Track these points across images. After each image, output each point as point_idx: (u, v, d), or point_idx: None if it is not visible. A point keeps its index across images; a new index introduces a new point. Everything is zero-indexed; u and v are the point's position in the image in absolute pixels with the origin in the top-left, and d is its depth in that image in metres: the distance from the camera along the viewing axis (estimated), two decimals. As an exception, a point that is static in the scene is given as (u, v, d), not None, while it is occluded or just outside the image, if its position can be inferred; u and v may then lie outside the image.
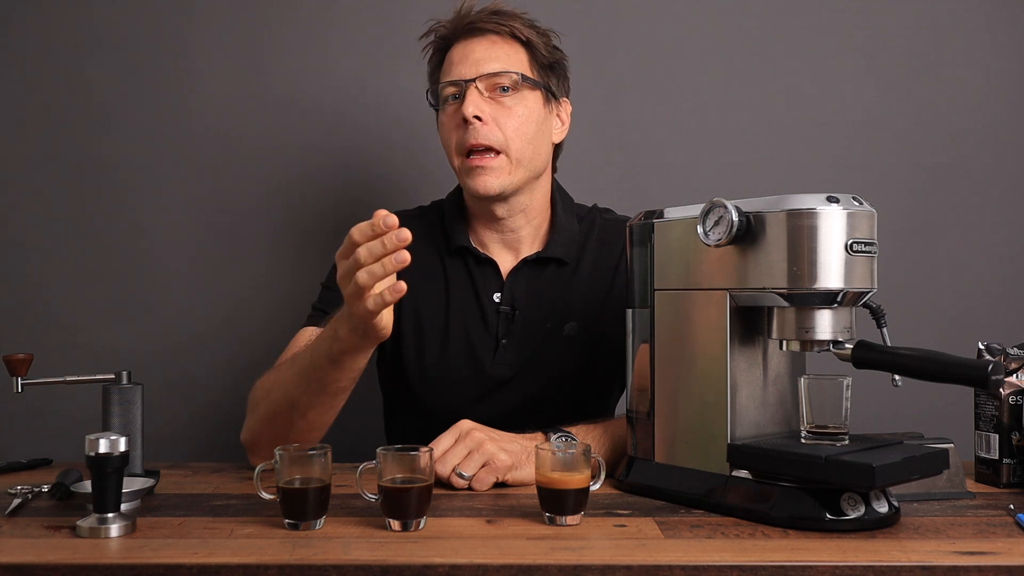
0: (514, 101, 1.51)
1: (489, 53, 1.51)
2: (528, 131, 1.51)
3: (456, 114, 1.51)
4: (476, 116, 1.47)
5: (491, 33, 1.53)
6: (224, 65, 2.02)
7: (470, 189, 1.52)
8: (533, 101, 1.53)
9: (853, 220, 1.12)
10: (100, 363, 1.62)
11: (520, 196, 1.55)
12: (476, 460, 1.29)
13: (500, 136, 1.49)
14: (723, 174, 2.02)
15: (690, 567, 0.96)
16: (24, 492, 1.24)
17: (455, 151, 1.52)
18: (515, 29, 1.53)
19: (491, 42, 1.53)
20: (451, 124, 1.52)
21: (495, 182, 1.50)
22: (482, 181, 1.50)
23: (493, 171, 1.49)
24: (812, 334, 1.15)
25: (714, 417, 1.19)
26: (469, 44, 1.53)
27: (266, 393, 1.39)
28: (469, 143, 1.49)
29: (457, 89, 1.51)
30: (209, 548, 1.01)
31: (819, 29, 2.05)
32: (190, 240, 2.03)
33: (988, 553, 1.00)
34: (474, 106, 1.47)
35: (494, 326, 1.57)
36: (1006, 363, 1.31)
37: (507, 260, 1.60)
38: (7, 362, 1.36)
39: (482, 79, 1.49)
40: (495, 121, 1.49)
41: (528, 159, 1.52)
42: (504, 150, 1.49)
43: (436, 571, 0.96)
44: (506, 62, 1.51)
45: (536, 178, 1.56)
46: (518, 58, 1.53)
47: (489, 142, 1.48)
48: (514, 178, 1.51)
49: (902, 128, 2.05)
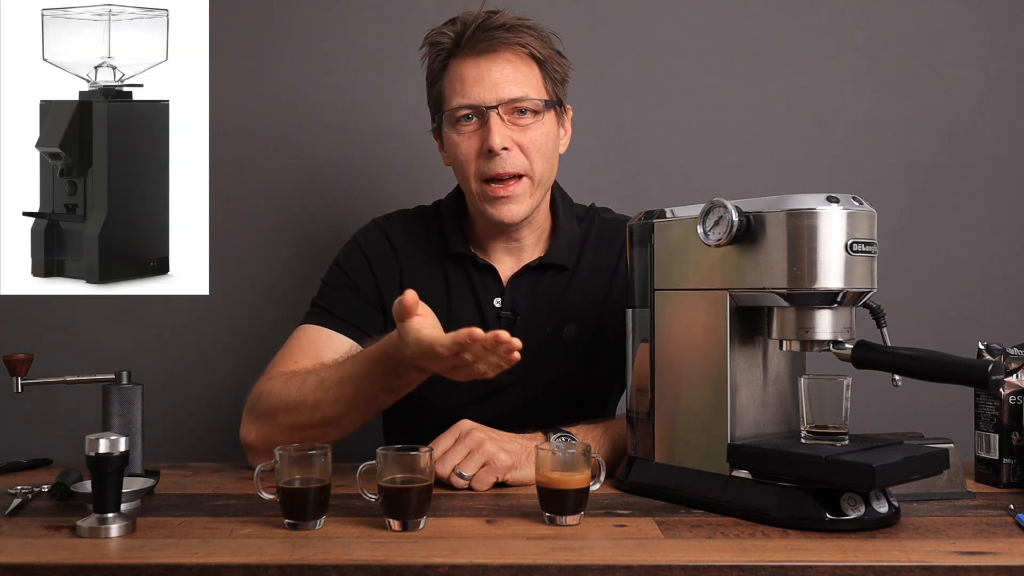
0: (532, 122, 1.48)
1: (506, 75, 1.47)
2: (548, 152, 1.50)
3: (474, 138, 1.47)
4: (504, 147, 1.45)
5: (506, 51, 1.48)
6: (225, 64, 2.02)
7: (492, 218, 1.49)
8: (549, 121, 1.51)
9: (853, 220, 1.12)
10: (100, 363, 1.62)
11: (534, 211, 1.54)
12: (476, 460, 1.29)
13: (525, 162, 1.47)
14: (723, 174, 2.02)
15: (690, 567, 0.96)
16: (24, 492, 1.24)
17: (474, 176, 1.49)
18: (531, 48, 1.49)
19: (507, 62, 1.47)
20: (470, 150, 1.48)
21: (519, 209, 1.49)
22: (507, 210, 1.48)
23: (517, 198, 1.48)
24: (812, 334, 1.15)
25: (714, 417, 1.19)
26: (482, 63, 1.47)
27: (288, 407, 1.37)
28: (494, 172, 1.46)
29: (473, 112, 1.47)
30: (209, 548, 1.01)
31: (819, 29, 2.05)
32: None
33: (988, 553, 1.00)
34: (500, 137, 1.44)
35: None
36: (1006, 363, 1.31)
37: (508, 265, 1.59)
38: (7, 362, 1.36)
39: (504, 105, 1.46)
40: (518, 147, 1.47)
41: (547, 178, 1.52)
42: (528, 174, 1.48)
43: (436, 571, 0.96)
44: (525, 85, 1.48)
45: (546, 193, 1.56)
46: (534, 78, 1.50)
47: (516, 170, 1.47)
48: (535, 200, 1.51)
49: (902, 128, 2.05)
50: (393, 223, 1.63)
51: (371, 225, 1.64)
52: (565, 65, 1.55)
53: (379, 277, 1.58)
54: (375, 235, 1.61)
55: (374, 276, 1.58)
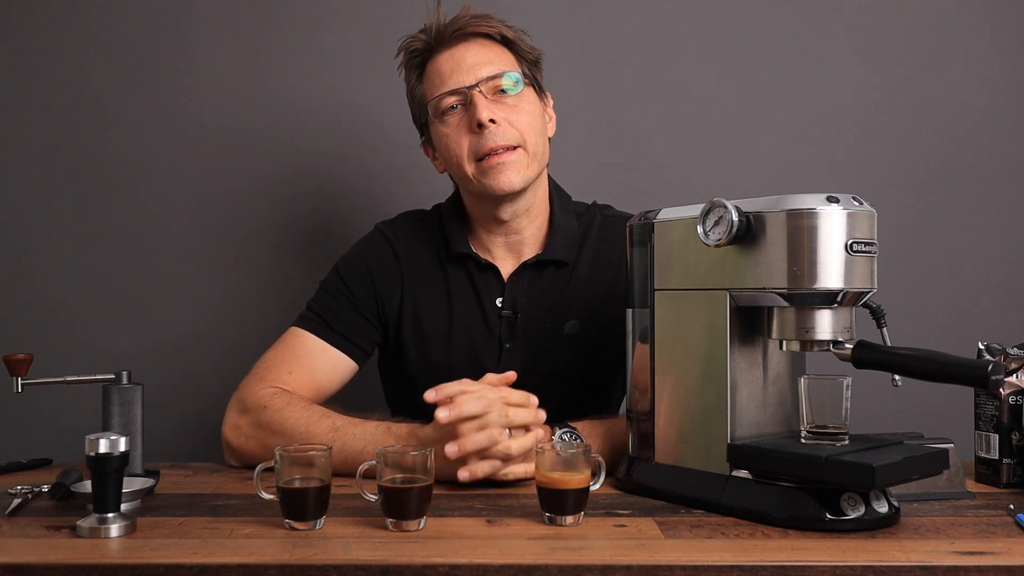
0: (517, 99, 1.51)
1: (482, 57, 1.51)
2: (537, 125, 1.53)
3: (463, 122, 1.50)
4: (491, 120, 1.47)
5: (477, 36, 1.53)
6: (225, 65, 2.02)
7: (492, 189, 1.50)
8: (532, 97, 1.55)
9: (853, 220, 1.12)
10: (100, 363, 1.62)
11: (526, 194, 1.55)
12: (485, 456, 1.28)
13: (515, 133, 1.49)
14: (723, 174, 2.02)
15: (690, 567, 0.96)
16: (24, 492, 1.24)
17: (467, 158, 1.50)
18: (500, 30, 1.53)
19: (480, 45, 1.53)
20: (459, 132, 1.51)
21: (517, 176, 1.50)
22: (505, 178, 1.49)
23: (514, 165, 1.49)
24: (812, 334, 1.15)
25: (714, 417, 1.19)
26: (456, 51, 1.52)
27: (289, 436, 1.36)
28: (487, 147, 1.48)
29: (458, 98, 1.50)
30: (209, 548, 1.01)
31: (819, 29, 2.05)
32: (190, 240, 2.03)
33: (988, 553, 1.00)
34: (487, 110, 1.47)
35: (497, 330, 1.57)
36: (1006, 363, 1.31)
37: (508, 264, 1.60)
38: (7, 362, 1.36)
39: (483, 83, 1.49)
40: (507, 121, 1.49)
41: (541, 153, 1.54)
42: (521, 145, 1.50)
43: (436, 571, 0.96)
44: (500, 64, 1.52)
45: (542, 173, 1.57)
46: (508, 58, 1.54)
47: (507, 142, 1.49)
48: (531, 172, 1.52)
49: (902, 128, 2.05)
50: (396, 229, 1.64)
51: (374, 232, 1.65)
52: (536, 51, 1.58)
53: (379, 287, 1.59)
54: (378, 243, 1.62)
55: (374, 286, 1.59)
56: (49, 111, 2.01)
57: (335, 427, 1.36)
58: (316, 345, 1.53)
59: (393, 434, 1.34)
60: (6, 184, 2.01)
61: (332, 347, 1.54)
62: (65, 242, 2.01)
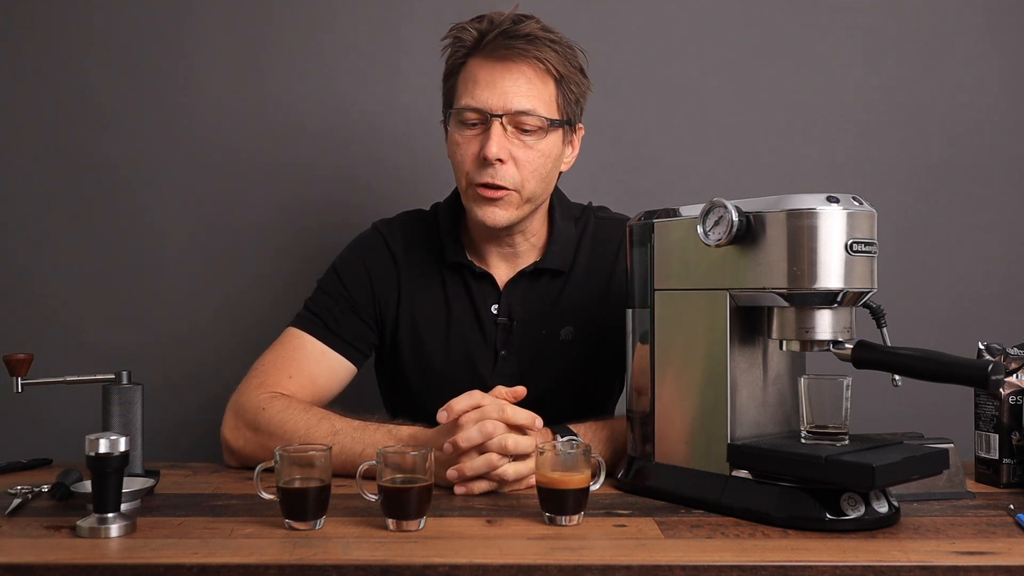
0: (535, 141, 1.46)
1: (519, 87, 1.44)
2: (543, 172, 1.48)
3: (474, 143, 1.46)
4: (499, 159, 1.43)
5: (523, 62, 1.45)
6: (225, 66, 2.02)
7: (476, 218, 1.49)
8: (553, 141, 1.49)
9: (853, 220, 1.12)
10: (100, 363, 1.62)
11: (522, 221, 1.53)
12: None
13: (517, 178, 1.46)
14: (723, 174, 2.02)
15: (690, 567, 0.96)
16: (24, 492, 1.24)
17: (466, 176, 1.48)
18: (549, 64, 1.45)
19: (521, 73, 1.45)
20: (466, 152, 1.47)
21: (504, 215, 1.48)
22: (491, 213, 1.47)
23: (502, 204, 1.47)
24: (812, 334, 1.15)
25: (714, 417, 1.19)
26: (497, 69, 1.45)
27: (288, 439, 1.36)
28: (484, 180, 1.45)
29: (479, 117, 1.46)
30: (209, 548, 1.01)
31: (819, 29, 2.05)
32: (190, 240, 2.02)
33: (988, 553, 1.00)
34: (498, 147, 1.43)
35: (492, 338, 1.57)
36: (1006, 363, 1.31)
37: (504, 271, 1.59)
38: (7, 362, 1.36)
39: (509, 116, 1.44)
40: (514, 161, 1.45)
41: (537, 196, 1.51)
42: (517, 189, 1.47)
43: (436, 571, 0.96)
44: (535, 100, 1.45)
45: (539, 206, 1.55)
46: (548, 95, 1.47)
47: (504, 183, 1.45)
48: (521, 212, 1.50)
49: (902, 128, 2.05)
50: (394, 230, 1.62)
51: (372, 231, 1.64)
52: (584, 85, 1.52)
53: (377, 289, 1.58)
54: (375, 243, 1.61)
55: (372, 289, 1.58)
56: (49, 112, 2.01)
57: (335, 430, 1.36)
58: (315, 348, 1.53)
59: (394, 437, 1.34)
60: (6, 184, 2.01)
61: (331, 350, 1.53)
62: (65, 242, 2.01)
